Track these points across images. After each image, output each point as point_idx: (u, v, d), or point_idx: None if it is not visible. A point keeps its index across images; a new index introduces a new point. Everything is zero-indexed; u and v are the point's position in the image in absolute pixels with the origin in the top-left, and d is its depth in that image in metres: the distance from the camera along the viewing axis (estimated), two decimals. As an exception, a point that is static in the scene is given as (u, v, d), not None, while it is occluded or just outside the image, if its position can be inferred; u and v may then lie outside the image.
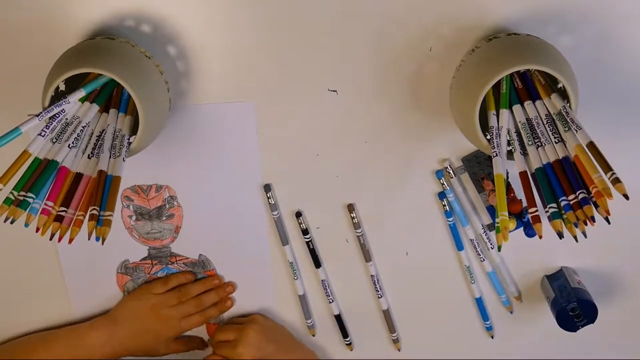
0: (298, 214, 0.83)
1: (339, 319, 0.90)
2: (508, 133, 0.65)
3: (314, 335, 0.92)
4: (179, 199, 0.84)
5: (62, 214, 0.63)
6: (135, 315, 0.87)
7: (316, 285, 0.88)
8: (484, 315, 0.89)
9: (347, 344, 0.92)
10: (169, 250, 0.88)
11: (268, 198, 0.82)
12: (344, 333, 0.91)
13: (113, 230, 0.82)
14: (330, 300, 0.88)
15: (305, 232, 0.84)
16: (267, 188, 0.82)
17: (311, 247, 0.85)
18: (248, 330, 0.85)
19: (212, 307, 0.89)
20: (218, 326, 0.90)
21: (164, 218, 0.85)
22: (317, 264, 0.86)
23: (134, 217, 0.85)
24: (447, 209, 0.82)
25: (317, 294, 0.89)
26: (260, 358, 0.84)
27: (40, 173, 0.63)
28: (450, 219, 0.83)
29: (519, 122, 0.65)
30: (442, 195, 0.82)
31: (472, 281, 0.86)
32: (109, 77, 0.65)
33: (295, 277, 0.87)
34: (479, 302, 0.88)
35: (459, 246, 0.84)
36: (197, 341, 0.92)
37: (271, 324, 0.90)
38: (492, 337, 0.91)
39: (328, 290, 0.88)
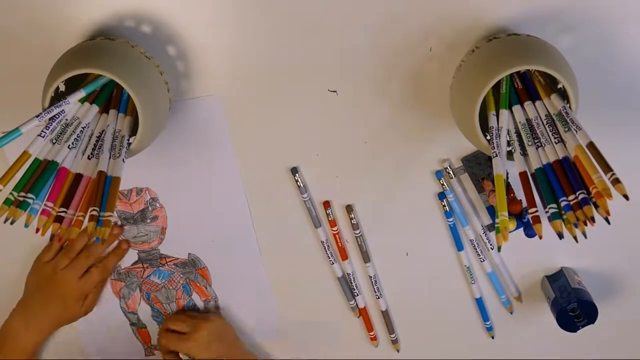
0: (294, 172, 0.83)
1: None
2: (508, 133, 0.65)
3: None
4: (160, 200, 0.84)
5: (62, 214, 0.63)
6: (37, 290, 0.86)
7: (315, 286, 0.89)
8: (484, 315, 0.89)
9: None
10: (158, 252, 0.88)
11: (296, 181, 0.81)
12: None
13: None
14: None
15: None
16: (295, 170, 0.81)
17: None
18: (201, 327, 0.85)
19: (110, 256, 0.87)
20: (173, 314, 0.90)
21: (148, 220, 0.85)
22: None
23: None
24: (447, 209, 0.82)
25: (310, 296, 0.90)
26: (207, 357, 0.84)
27: (40, 174, 0.63)
28: (450, 220, 0.83)
29: (519, 122, 0.65)
30: (442, 195, 0.82)
31: (472, 281, 0.86)
32: (109, 77, 0.65)
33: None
34: (479, 303, 0.88)
35: (459, 246, 0.84)
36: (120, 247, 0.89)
37: (223, 324, 0.89)
38: (493, 338, 0.91)
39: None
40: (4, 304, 0.88)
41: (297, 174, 0.81)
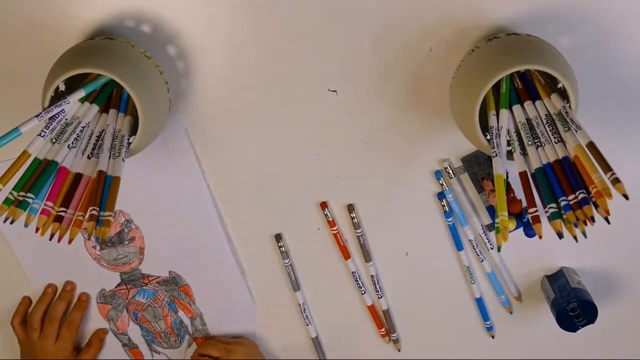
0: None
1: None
2: (508, 133, 0.65)
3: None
4: (135, 221, 0.84)
5: (62, 214, 0.63)
6: None
7: (317, 287, 0.89)
8: (485, 315, 0.89)
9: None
10: (140, 272, 0.89)
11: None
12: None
13: (83, 262, 0.87)
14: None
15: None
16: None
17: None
18: (237, 352, 0.87)
19: (73, 311, 0.90)
20: (205, 339, 0.91)
21: (126, 242, 0.86)
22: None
23: (97, 247, 0.87)
24: (447, 209, 0.82)
25: (318, 295, 0.89)
26: None
27: (40, 173, 0.63)
28: (450, 219, 0.83)
29: (519, 122, 0.65)
30: (441, 195, 0.82)
31: (472, 281, 0.86)
32: (109, 77, 0.65)
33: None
34: (479, 302, 0.88)
35: (459, 246, 0.84)
36: (98, 333, 0.92)
37: (255, 351, 0.91)
38: (493, 337, 0.91)
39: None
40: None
41: None
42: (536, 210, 0.61)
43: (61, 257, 0.87)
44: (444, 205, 0.82)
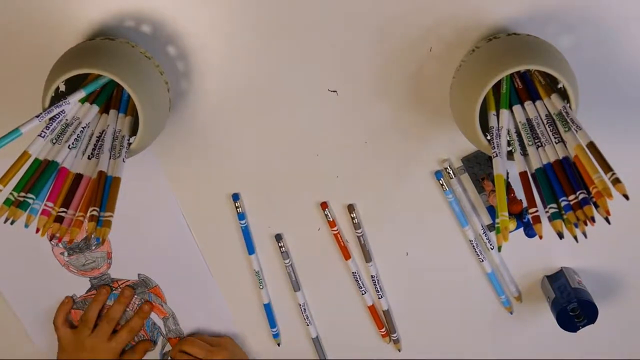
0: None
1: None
2: (508, 133, 0.65)
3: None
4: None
5: (62, 214, 0.63)
6: None
7: (317, 287, 0.89)
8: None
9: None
10: (109, 277, 0.89)
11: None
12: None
13: (52, 269, 0.87)
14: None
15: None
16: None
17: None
18: (218, 354, 0.87)
19: (135, 318, 0.91)
20: (187, 337, 0.91)
21: (93, 247, 0.86)
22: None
23: (65, 254, 0.87)
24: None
25: (318, 295, 0.89)
26: None
27: (40, 174, 0.63)
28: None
29: (519, 122, 0.65)
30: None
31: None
32: (109, 77, 0.65)
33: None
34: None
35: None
36: (145, 344, 0.93)
37: (239, 352, 0.91)
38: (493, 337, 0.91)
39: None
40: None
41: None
42: (536, 211, 0.61)
43: (29, 264, 0.88)
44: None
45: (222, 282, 0.89)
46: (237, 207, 0.83)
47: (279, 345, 0.92)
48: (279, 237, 0.85)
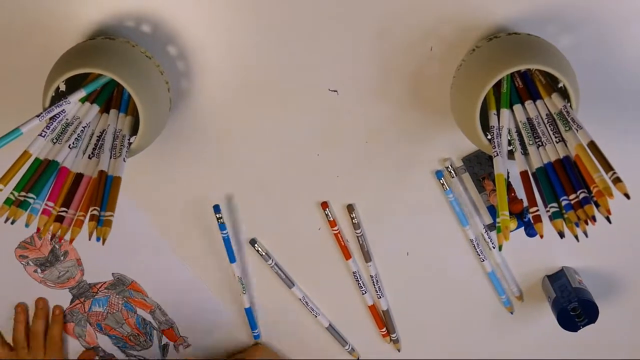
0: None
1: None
2: (509, 133, 0.65)
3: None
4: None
5: (63, 214, 0.63)
6: None
7: (317, 287, 0.89)
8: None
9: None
10: (86, 283, 0.89)
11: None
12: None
13: (33, 288, 0.88)
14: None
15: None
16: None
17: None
18: None
19: (52, 326, 0.91)
20: None
21: (62, 258, 0.87)
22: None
23: (39, 270, 0.87)
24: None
25: (318, 295, 0.89)
26: None
27: (41, 173, 0.63)
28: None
29: (520, 121, 0.65)
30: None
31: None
32: (110, 77, 0.65)
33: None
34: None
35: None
36: (87, 353, 0.94)
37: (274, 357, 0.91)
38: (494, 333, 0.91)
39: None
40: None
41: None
42: (537, 210, 0.61)
43: (9, 287, 0.88)
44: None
45: (211, 288, 0.89)
46: (218, 219, 0.82)
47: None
48: (253, 242, 0.85)
